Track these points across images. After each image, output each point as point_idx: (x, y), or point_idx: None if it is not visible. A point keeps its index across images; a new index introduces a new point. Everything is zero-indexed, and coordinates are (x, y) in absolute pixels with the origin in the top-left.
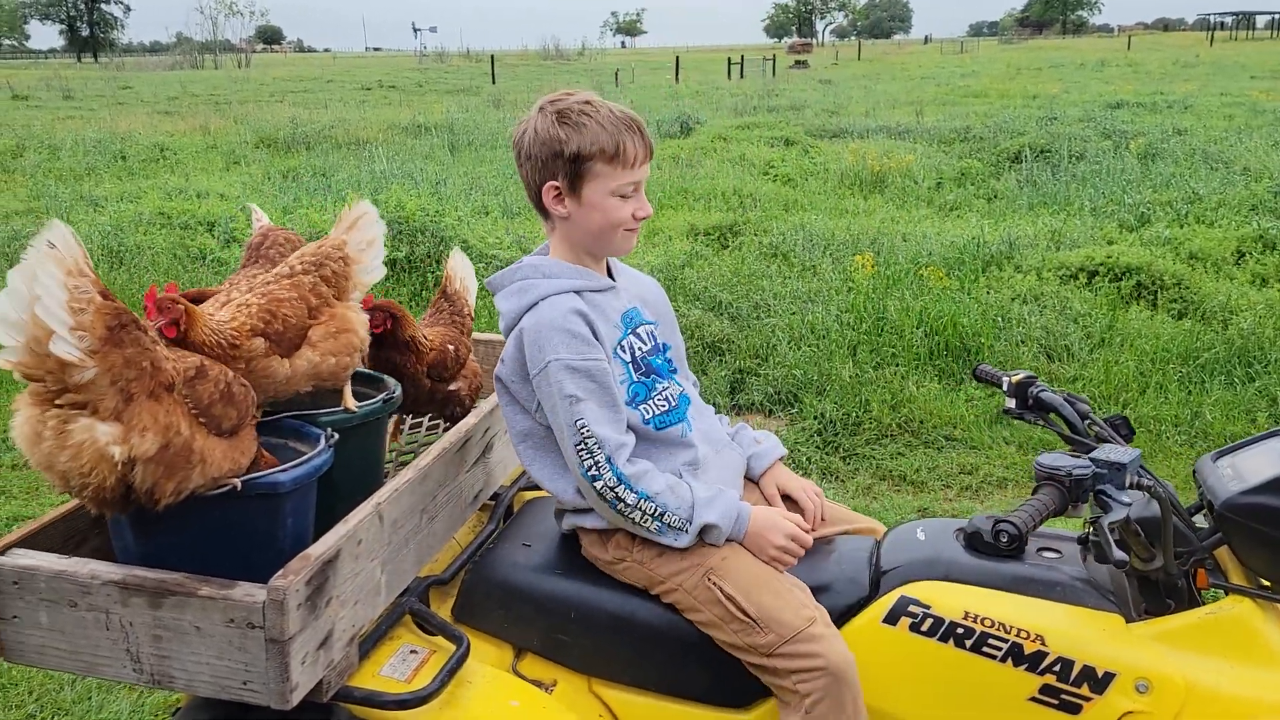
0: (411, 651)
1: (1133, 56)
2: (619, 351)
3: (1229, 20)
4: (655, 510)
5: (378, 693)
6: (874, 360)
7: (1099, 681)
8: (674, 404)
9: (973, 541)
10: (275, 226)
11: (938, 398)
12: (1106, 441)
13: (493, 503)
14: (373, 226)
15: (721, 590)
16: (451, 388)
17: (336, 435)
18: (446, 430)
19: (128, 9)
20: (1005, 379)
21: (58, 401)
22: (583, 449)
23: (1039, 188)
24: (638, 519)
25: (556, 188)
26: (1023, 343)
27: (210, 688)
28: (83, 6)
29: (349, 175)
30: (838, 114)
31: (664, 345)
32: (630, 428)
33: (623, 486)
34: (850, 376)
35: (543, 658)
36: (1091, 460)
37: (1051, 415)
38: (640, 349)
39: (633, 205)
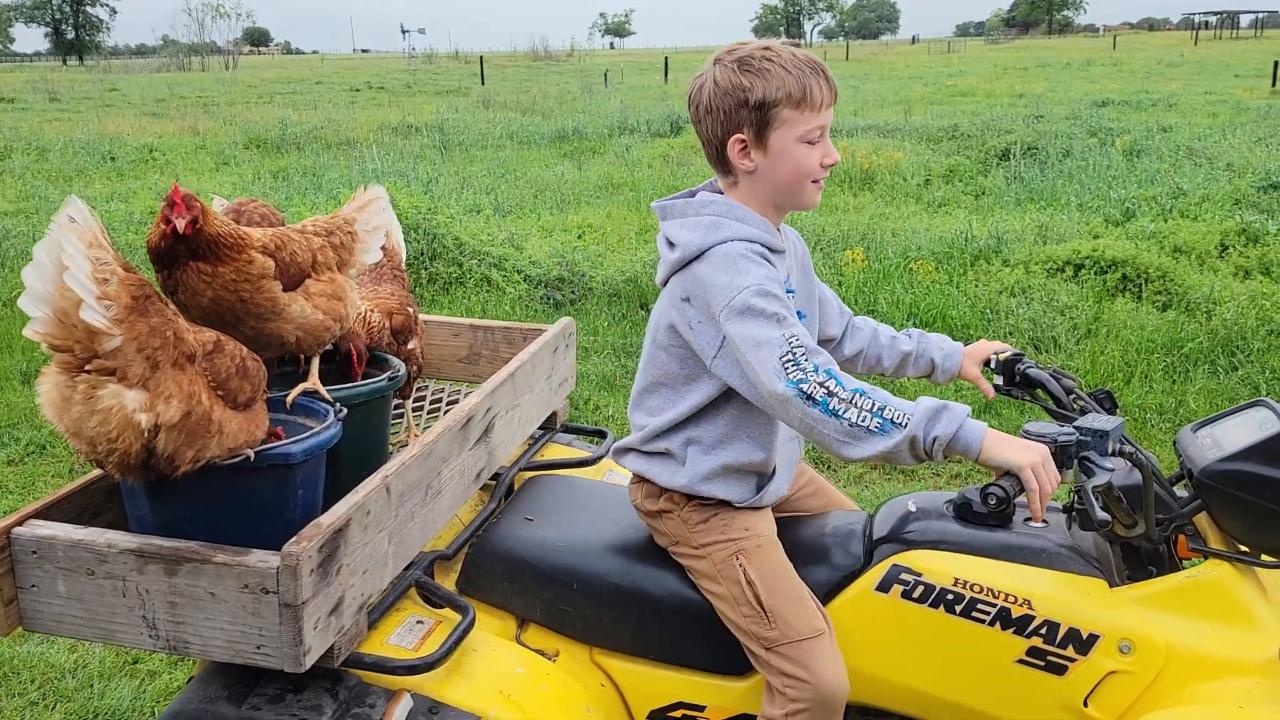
0: (418, 622)
1: (1118, 56)
2: None
3: (1213, 20)
4: (873, 405)
5: (386, 659)
6: None
7: (1084, 643)
8: None
9: (962, 512)
10: (247, 200)
11: (927, 388)
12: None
13: (494, 482)
14: (382, 212)
15: (745, 573)
16: (409, 346)
17: (345, 410)
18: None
19: (113, 12)
20: (993, 357)
21: (86, 368)
22: (789, 360)
23: (1026, 184)
24: (855, 417)
25: (743, 140)
26: (1011, 334)
27: (225, 652)
28: (68, 9)
29: (340, 175)
30: None
31: (800, 314)
32: None
33: (834, 382)
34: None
35: (546, 628)
36: (1076, 428)
37: (1038, 391)
38: None
39: (820, 152)
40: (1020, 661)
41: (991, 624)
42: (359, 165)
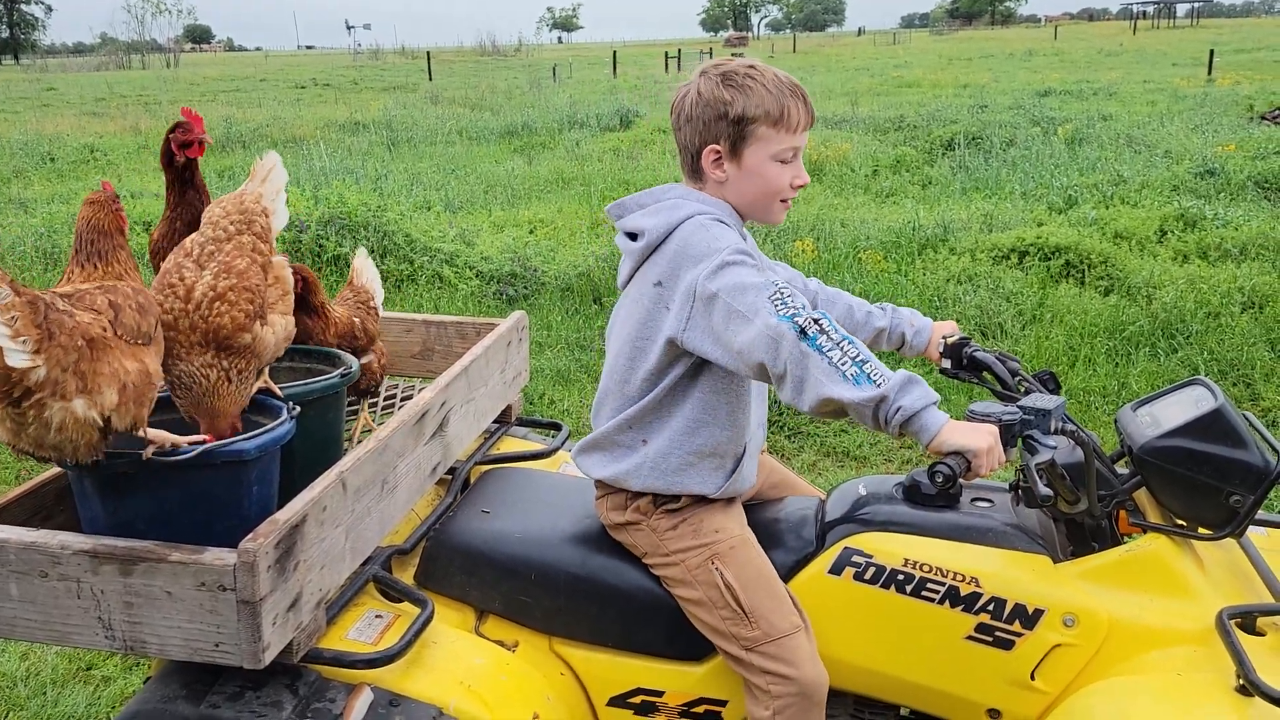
0: (377, 616)
1: (1059, 46)
2: None
3: (1151, 9)
4: (858, 356)
5: (346, 653)
6: None
7: (1029, 618)
8: None
9: (910, 494)
10: None
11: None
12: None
13: (450, 476)
14: (281, 175)
15: (722, 576)
16: (364, 360)
17: (299, 408)
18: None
19: (49, 9)
20: (942, 340)
21: (24, 401)
22: (777, 299)
23: (971, 173)
24: (836, 359)
25: (717, 151)
26: (958, 321)
27: (183, 651)
28: (1, 8)
29: (288, 173)
30: None
31: None
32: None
33: (826, 321)
34: None
35: (505, 619)
36: (1019, 408)
37: (984, 373)
38: None
39: (791, 173)
40: (969, 638)
41: (941, 602)
42: (307, 163)
